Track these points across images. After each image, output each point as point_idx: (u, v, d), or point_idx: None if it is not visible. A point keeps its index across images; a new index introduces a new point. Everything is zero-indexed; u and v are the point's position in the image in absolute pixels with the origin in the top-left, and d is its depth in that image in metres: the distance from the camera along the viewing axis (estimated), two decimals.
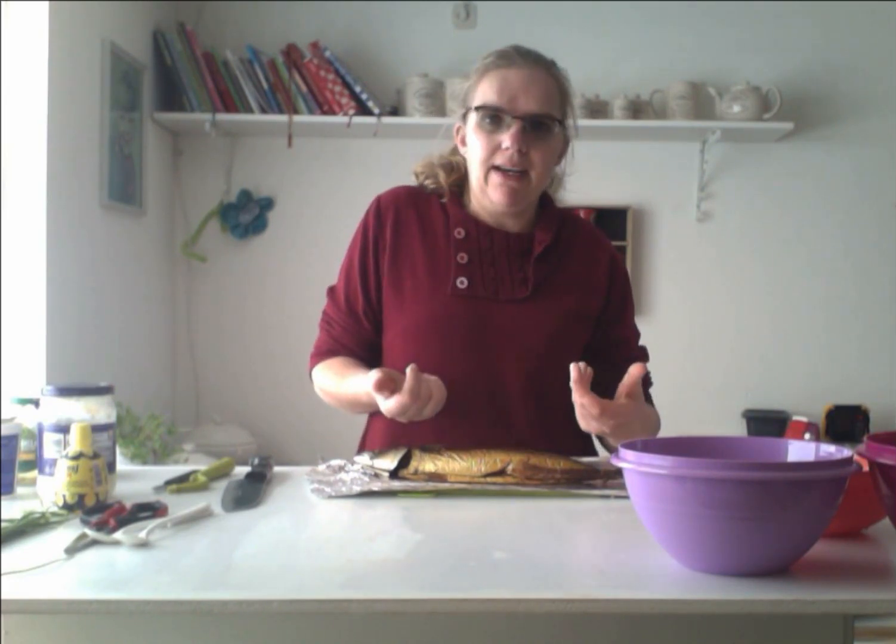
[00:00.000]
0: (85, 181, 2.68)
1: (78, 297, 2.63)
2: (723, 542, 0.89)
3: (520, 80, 1.51)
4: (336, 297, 1.64)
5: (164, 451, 2.59)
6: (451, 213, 1.60)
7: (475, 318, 1.53)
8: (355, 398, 1.52)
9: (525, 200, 1.56)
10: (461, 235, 1.57)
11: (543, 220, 1.62)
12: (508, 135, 1.49)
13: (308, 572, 0.94)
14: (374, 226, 1.60)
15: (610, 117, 3.31)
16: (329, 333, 1.63)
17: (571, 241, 1.63)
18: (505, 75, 1.51)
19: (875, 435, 1.01)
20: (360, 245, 1.60)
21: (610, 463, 1.00)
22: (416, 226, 1.59)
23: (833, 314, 3.44)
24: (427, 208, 1.61)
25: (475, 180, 1.56)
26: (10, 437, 1.27)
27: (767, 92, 3.28)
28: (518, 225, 1.61)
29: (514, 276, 1.56)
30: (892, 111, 3.42)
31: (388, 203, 1.61)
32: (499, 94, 1.50)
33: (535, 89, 1.51)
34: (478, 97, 1.53)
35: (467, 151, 1.58)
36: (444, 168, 1.63)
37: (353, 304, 1.61)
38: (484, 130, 1.52)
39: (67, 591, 0.89)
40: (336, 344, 1.62)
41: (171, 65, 3.22)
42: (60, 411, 1.26)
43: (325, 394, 1.63)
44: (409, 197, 1.62)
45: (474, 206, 1.61)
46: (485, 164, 1.52)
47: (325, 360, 1.62)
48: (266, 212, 3.43)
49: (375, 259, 1.59)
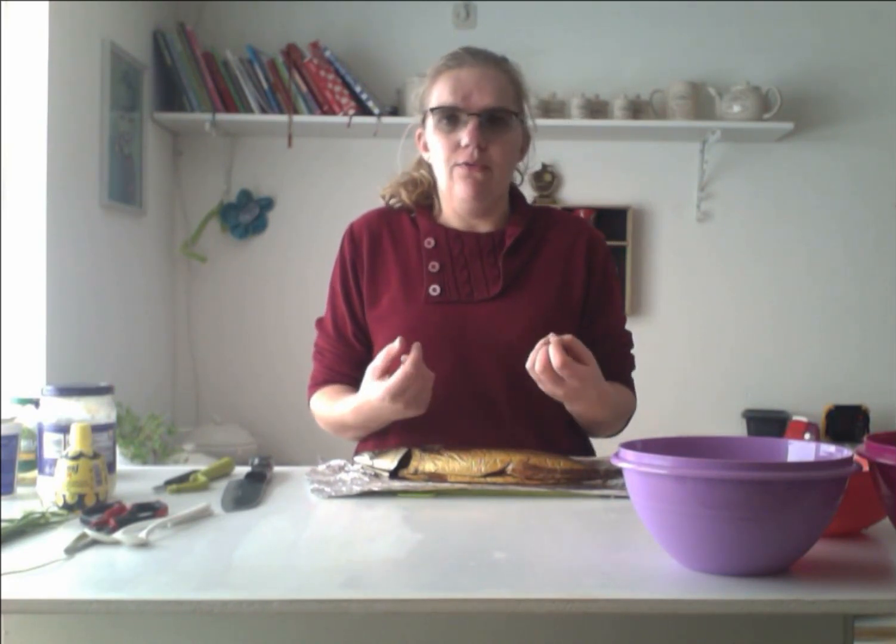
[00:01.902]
0: (85, 181, 2.68)
1: (78, 297, 2.63)
2: (723, 542, 0.89)
3: (472, 78, 1.53)
4: (325, 327, 1.66)
5: (164, 451, 2.60)
6: (420, 225, 1.62)
7: (451, 323, 1.54)
8: (342, 419, 1.54)
9: (490, 195, 1.56)
10: (431, 245, 1.59)
11: (514, 216, 1.63)
12: (466, 132, 1.51)
13: (308, 572, 0.95)
14: (349, 251, 1.63)
15: (610, 117, 3.31)
16: (322, 363, 1.65)
17: (545, 233, 1.63)
18: (457, 75, 1.54)
19: (875, 435, 1.01)
20: (340, 272, 1.63)
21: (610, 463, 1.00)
22: (390, 244, 1.62)
23: (833, 314, 3.44)
24: (399, 225, 1.64)
25: (442, 181, 1.57)
26: (10, 437, 1.27)
27: (767, 92, 3.28)
28: (488, 225, 1.62)
29: (487, 275, 1.57)
30: (892, 111, 3.42)
31: (361, 227, 1.64)
32: (452, 94, 1.52)
33: (487, 85, 1.52)
34: (433, 100, 1.56)
35: (430, 156, 1.60)
36: (405, 186, 1.65)
37: (342, 329, 1.63)
38: (442, 131, 1.54)
39: (67, 591, 0.89)
40: (330, 372, 1.63)
41: (171, 65, 3.22)
42: (60, 411, 1.26)
43: (319, 420, 1.65)
44: (380, 218, 1.65)
45: (445, 213, 1.63)
46: (448, 164, 1.54)
47: (320, 389, 1.64)
48: (266, 212, 3.43)
49: (356, 282, 1.61)
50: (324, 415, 1.61)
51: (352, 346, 1.62)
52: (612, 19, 3.41)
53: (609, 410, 1.51)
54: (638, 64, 3.40)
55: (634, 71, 3.39)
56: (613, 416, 1.56)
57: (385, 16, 3.41)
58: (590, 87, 3.33)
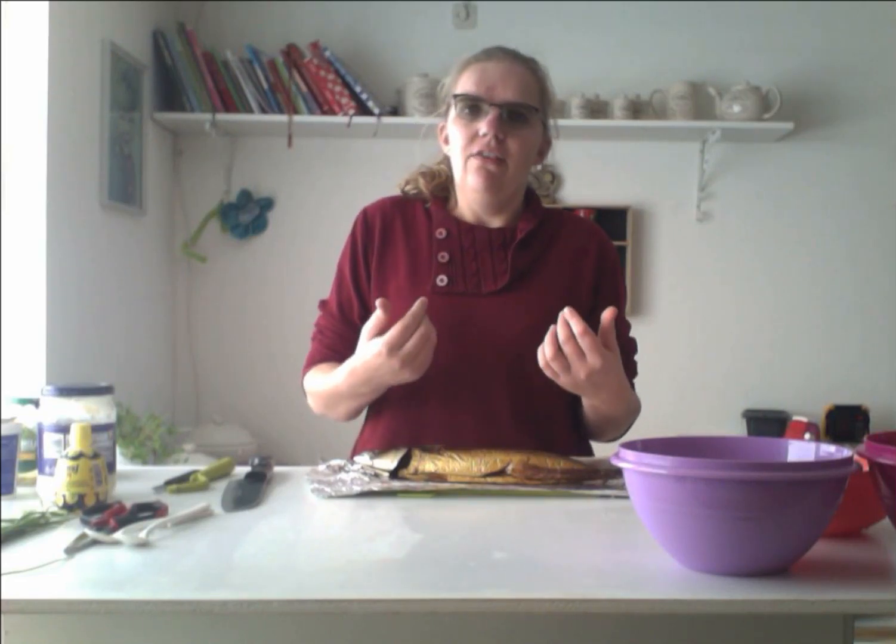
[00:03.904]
0: (85, 181, 2.68)
1: (78, 297, 2.63)
2: (723, 542, 0.89)
3: (498, 71, 1.54)
4: (329, 307, 1.65)
5: (164, 451, 2.60)
6: (434, 215, 1.62)
7: (456, 314, 1.54)
8: (335, 389, 1.50)
9: (503, 189, 1.56)
10: (442, 235, 1.59)
11: (527, 213, 1.63)
12: (485, 122, 1.51)
13: (308, 572, 0.95)
14: (362, 234, 1.62)
15: (610, 117, 3.31)
16: (321, 342, 1.63)
17: (557, 233, 1.63)
18: (484, 67, 1.55)
19: (875, 435, 1.01)
20: (350, 254, 1.62)
21: (610, 463, 1.00)
22: (401, 230, 1.62)
23: (833, 314, 3.45)
24: (412, 214, 1.64)
25: (458, 172, 1.57)
26: (10, 437, 1.27)
27: (767, 92, 3.28)
28: (501, 220, 1.61)
29: (496, 268, 1.57)
30: (892, 111, 3.42)
31: (375, 212, 1.64)
32: (477, 85, 1.53)
33: (513, 80, 1.53)
34: (457, 89, 1.56)
35: (450, 148, 1.59)
36: (424, 176, 1.66)
37: (347, 311, 1.62)
38: (463, 119, 1.54)
39: (67, 591, 0.89)
40: (328, 351, 1.61)
41: (171, 65, 3.22)
42: (60, 411, 1.26)
43: (310, 396, 1.61)
44: (394, 205, 1.65)
45: (460, 206, 1.63)
46: (464, 152, 1.54)
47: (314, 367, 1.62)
48: (266, 212, 3.43)
49: (366, 265, 1.61)
50: (316, 389, 1.58)
51: (355, 326, 1.58)
52: (612, 19, 3.41)
53: (625, 406, 1.48)
54: (638, 64, 3.40)
55: (634, 71, 3.39)
56: (626, 413, 1.52)
57: (385, 16, 3.41)
58: (590, 87, 3.33)
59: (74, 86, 2.61)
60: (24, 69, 2.42)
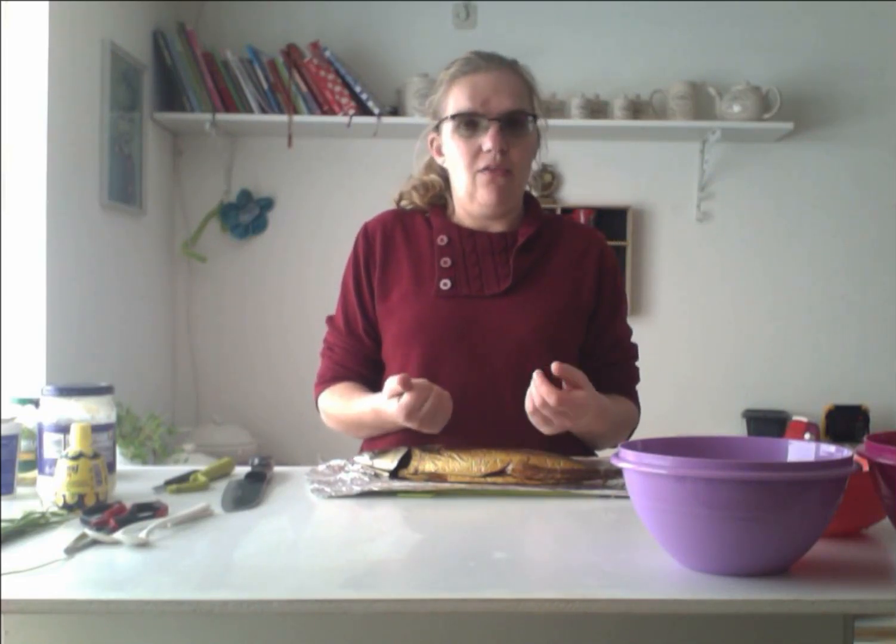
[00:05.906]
0: (85, 181, 2.68)
1: (78, 297, 2.63)
2: (723, 542, 0.89)
3: (489, 83, 1.55)
4: (335, 323, 1.67)
5: (164, 451, 2.59)
6: (434, 223, 1.64)
7: (460, 317, 1.56)
8: (359, 419, 1.55)
9: (512, 198, 1.59)
10: (444, 242, 1.61)
11: (527, 218, 1.65)
12: (488, 137, 1.53)
13: (308, 572, 0.95)
14: (363, 247, 1.64)
15: (610, 117, 3.31)
16: (331, 359, 1.66)
17: (557, 237, 1.65)
18: (473, 81, 1.55)
19: (875, 435, 1.01)
20: (353, 268, 1.65)
21: (610, 463, 1.00)
22: (403, 240, 1.64)
23: (833, 314, 3.44)
24: (412, 223, 1.66)
25: (462, 187, 1.58)
26: (10, 437, 1.27)
27: (767, 92, 3.28)
28: (502, 225, 1.63)
29: (498, 271, 1.59)
30: (893, 111, 3.42)
31: (376, 225, 1.66)
32: (471, 100, 1.54)
33: (505, 89, 1.55)
34: (451, 106, 1.57)
35: (445, 160, 1.61)
36: (417, 189, 1.68)
37: (352, 325, 1.64)
38: (462, 137, 1.55)
39: (67, 591, 0.89)
40: (339, 368, 1.64)
41: (171, 65, 3.22)
42: (60, 411, 1.26)
43: (329, 418, 1.65)
44: (394, 217, 1.67)
45: (459, 213, 1.64)
46: (470, 170, 1.56)
47: (329, 386, 1.64)
48: (266, 212, 3.43)
49: (368, 278, 1.63)
50: (337, 413, 1.62)
51: (361, 341, 1.63)
52: (612, 19, 3.41)
53: (608, 424, 1.52)
54: (638, 64, 3.40)
55: (634, 71, 3.39)
56: (613, 429, 1.55)
57: (385, 16, 3.41)
58: (590, 87, 3.33)
59: (74, 86, 2.61)
60: (24, 69, 2.41)
